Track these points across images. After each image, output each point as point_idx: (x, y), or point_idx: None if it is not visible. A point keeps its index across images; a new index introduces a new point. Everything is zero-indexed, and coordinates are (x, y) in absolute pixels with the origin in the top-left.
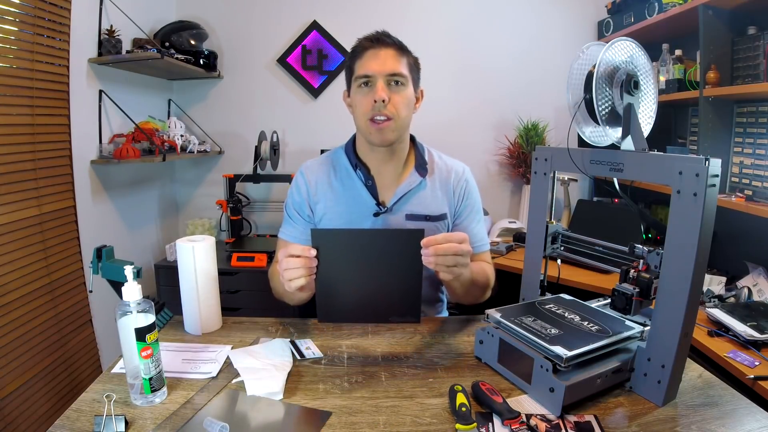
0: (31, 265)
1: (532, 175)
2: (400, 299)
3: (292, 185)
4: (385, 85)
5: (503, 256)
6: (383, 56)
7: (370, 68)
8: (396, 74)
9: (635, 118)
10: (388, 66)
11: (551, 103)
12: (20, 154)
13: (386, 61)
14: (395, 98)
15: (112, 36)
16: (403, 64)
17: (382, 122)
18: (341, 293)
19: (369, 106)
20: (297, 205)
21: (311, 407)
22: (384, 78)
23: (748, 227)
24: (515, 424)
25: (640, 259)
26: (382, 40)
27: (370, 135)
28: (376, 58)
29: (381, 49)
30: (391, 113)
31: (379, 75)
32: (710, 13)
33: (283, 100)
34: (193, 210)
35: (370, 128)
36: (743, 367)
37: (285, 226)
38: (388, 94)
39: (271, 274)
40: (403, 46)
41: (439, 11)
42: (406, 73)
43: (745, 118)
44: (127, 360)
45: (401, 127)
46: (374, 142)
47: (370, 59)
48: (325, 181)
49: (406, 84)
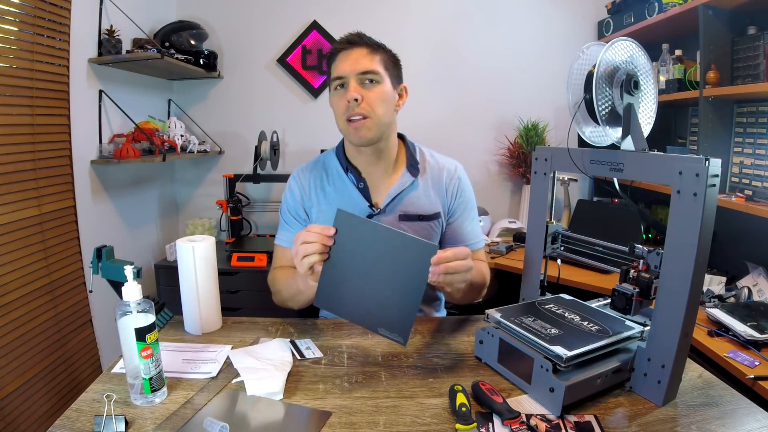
0: (31, 265)
1: (532, 175)
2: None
3: (286, 190)
4: (357, 85)
5: (503, 256)
6: (354, 56)
7: (342, 69)
8: (368, 72)
9: (635, 118)
10: (360, 65)
11: (551, 103)
12: (20, 154)
13: (357, 61)
14: (369, 96)
15: (112, 36)
16: (376, 62)
17: (358, 121)
18: (343, 284)
19: (344, 106)
20: (292, 210)
21: (311, 407)
22: (356, 77)
23: (748, 227)
24: (515, 424)
25: (640, 259)
26: (353, 41)
27: (348, 135)
28: (347, 58)
29: (352, 50)
30: (366, 111)
31: (350, 74)
32: (710, 13)
33: (283, 100)
34: (193, 210)
35: (348, 128)
36: (743, 367)
37: (281, 231)
38: (361, 92)
39: (271, 281)
40: (375, 44)
41: (439, 11)
42: (380, 70)
43: (745, 118)
44: (127, 360)
45: (379, 125)
46: (353, 141)
47: (342, 60)
48: (317, 185)
49: (381, 81)
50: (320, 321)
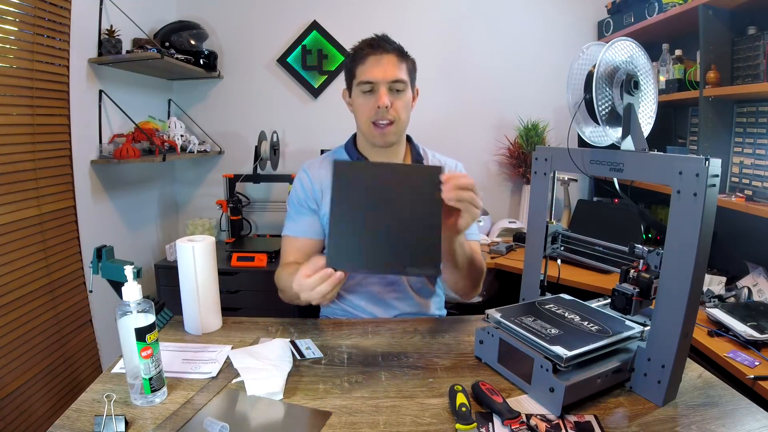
0: (31, 265)
1: (532, 175)
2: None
3: (296, 182)
4: (387, 91)
5: (503, 256)
6: (385, 63)
7: (373, 75)
8: (398, 81)
9: (635, 118)
10: (390, 73)
11: (551, 103)
12: (20, 154)
13: (388, 68)
14: (397, 103)
15: (112, 36)
16: (403, 70)
17: (385, 126)
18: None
19: (372, 110)
20: (301, 200)
21: (311, 407)
22: (386, 85)
23: (748, 227)
24: (515, 424)
25: (640, 259)
26: (384, 46)
27: (373, 138)
28: (378, 64)
29: (383, 56)
30: (393, 117)
31: (381, 82)
32: (710, 13)
33: (283, 100)
34: (193, 210)
35: (374, 131)
36: (743, 367)
37: (288, 222)
38: (390, 99)
39: (277, 278)
40: (403, 50)
41: (439, 11)
42: (406, 78)
43: (745, 118)
44: (127, 360)
45: (402, 129)
46: (377, 144)
47: (373, 65)
48: (327, 179)
49: (406, 89)
50: (320, 321)
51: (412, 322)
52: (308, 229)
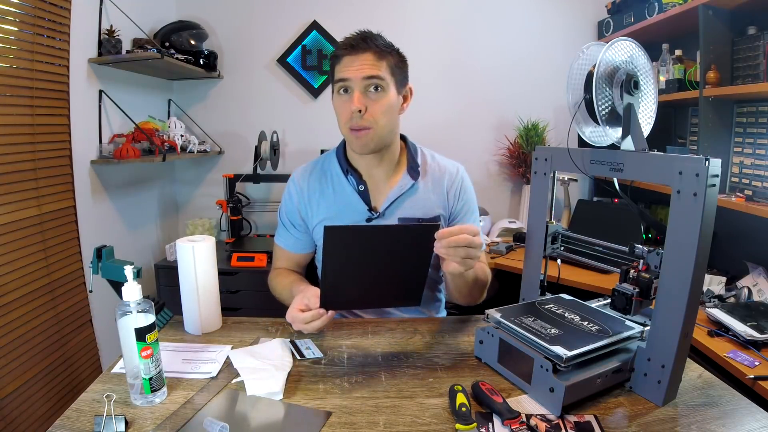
0: (31, 265)
1: (532, 175)
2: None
3: (285, 193)
4: (362, 93)
5: (503, 256)
6: (360, 61)
7: (346, 73)
8: (373, 77)
9: (635, 118)
10: (365, 71)
11: (551, 103)
12: (20, 154)
13: (363, 67)
14: (373, 107)
15: (112, 36)
16: (383, 68)
17: (360, 131)
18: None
19: (347, 114)
20: (289, 215)
21: (311, 407)
22: (361, 84)
23: (748, 227)
24: (515, 424)
25: (640, 259)
26: (359, 45)
27: (350, 143)
28: (352, 63)
29: (359, 54)
30: (369, 122)
31: (355, 80)
32: (710, 13)
33: (283, 100)
34: (193, 210)
35: (350, 136)
36: (743, 367)
37: (279, 230)
38: (365, 103)
39: (270, 283)
40: (383, 47)
41: (439, 11)
42: (386, 76)
43: (745, 118)
44: (127, 360)
45: (381, 135)
46: (355, 150)
47: (347, 64)
48: (316, 188)
49: (386, 88)
50: None
51: (412, 322)
52: (295, 244)
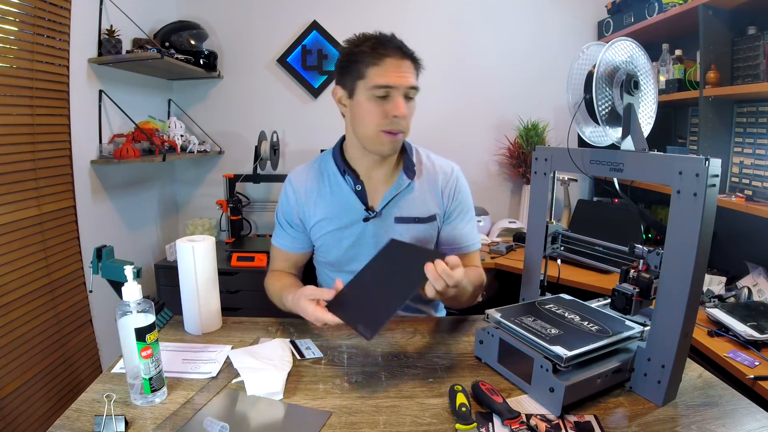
0: (31, 265)
1: (532, 175)
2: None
3: (282, 194)
4: (403, 99)
5: (503, 256)
6: (404, 68)
7: (392, 80)
8: (414, 88)
9: (635, 118)
10: (409, 80)
11: (551, 103)
12: (20, 154)
13: (407, 75)
14: (408, 112)
15: (112, 36)
16: (417, 77)
17: (397, 134)
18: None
19: (384, 118)
20: (286, 215)
21: (311, 407)
22: (404, 92)
23: (748, 227)
24: (515, 424)
25: (640, 259)
26: (403, 51)
27: (381, 145)
28: (398, 70)
29: (402, 61)
30: (403, 127)
31: (401, 88)
32: (710, 13)
33: (283, 100)
34: (193, 210)
35: (383, 139)
36: (743, 367)
37: (276, 231)
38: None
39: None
40: (415, 56)
41: (439, 11)
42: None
43: (745, 118)
44: (127, 360)
45: (404, 139)
46: (384, 151)
47: (391, 70)
48: (314, 189)
49: (415, 96)
50: None
51: (412, 322)
52: (292, 244)
